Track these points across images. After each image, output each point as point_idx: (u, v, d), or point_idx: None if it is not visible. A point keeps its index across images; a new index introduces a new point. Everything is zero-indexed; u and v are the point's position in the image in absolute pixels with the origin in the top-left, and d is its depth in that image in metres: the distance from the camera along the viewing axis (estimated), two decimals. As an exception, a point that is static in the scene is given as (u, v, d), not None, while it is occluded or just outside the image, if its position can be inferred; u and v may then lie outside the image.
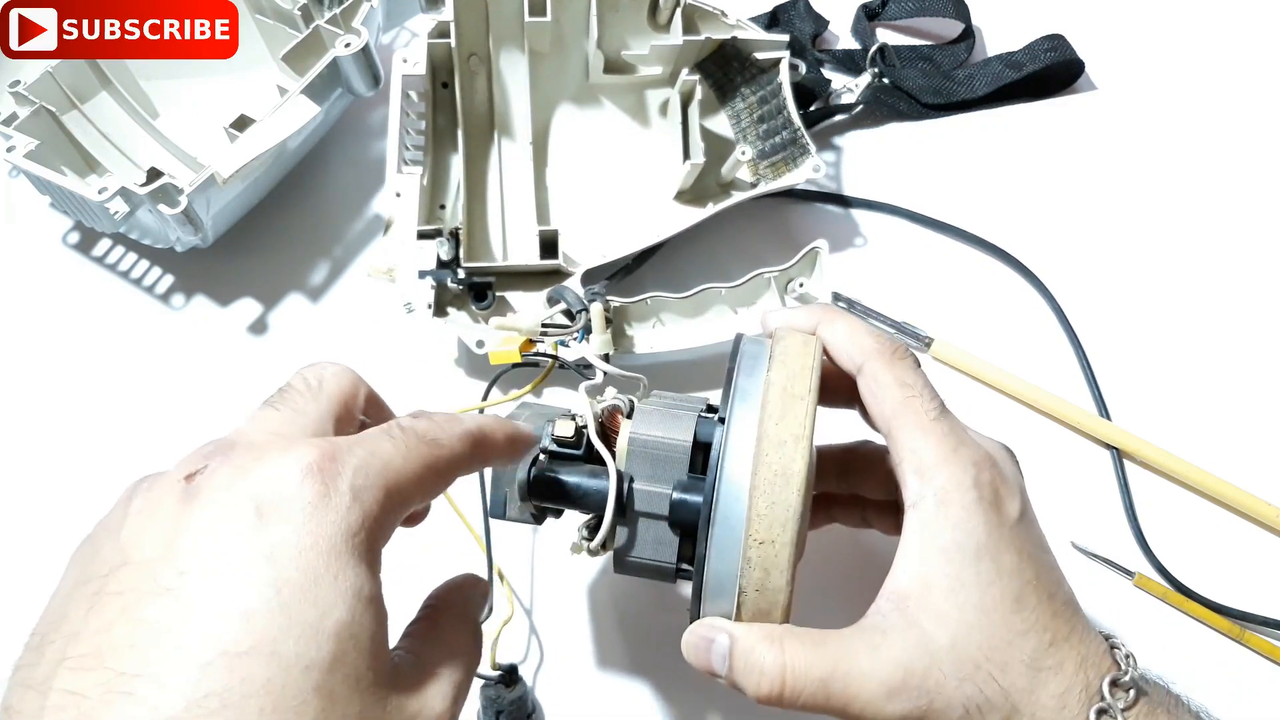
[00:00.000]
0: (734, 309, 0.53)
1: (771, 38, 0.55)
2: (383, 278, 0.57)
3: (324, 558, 0.23)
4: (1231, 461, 0.50)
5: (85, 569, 0.24)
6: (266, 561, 0.23)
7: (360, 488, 0.24)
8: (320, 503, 0.24)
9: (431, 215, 0.54)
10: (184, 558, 0.23)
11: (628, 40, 0.55)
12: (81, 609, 0.23)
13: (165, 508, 0.24)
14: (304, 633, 0.22)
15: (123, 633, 0.22)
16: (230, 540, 0.23)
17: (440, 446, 0.27)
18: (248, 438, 0.27)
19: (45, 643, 0.23)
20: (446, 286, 0.52)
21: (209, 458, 0.25)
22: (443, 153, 0.55)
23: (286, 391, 0.29)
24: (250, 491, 0.24)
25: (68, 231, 0.59)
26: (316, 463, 0.24)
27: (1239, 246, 0.57)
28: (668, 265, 0.56)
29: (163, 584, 0.22)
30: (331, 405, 0.28)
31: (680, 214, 0.55)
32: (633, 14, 0.55)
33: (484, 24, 0.54)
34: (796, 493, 0.31)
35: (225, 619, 0.22)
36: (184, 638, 0.22)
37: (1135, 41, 0.65)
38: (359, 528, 0.24)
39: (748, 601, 0.32)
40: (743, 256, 0.56)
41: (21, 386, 0.55)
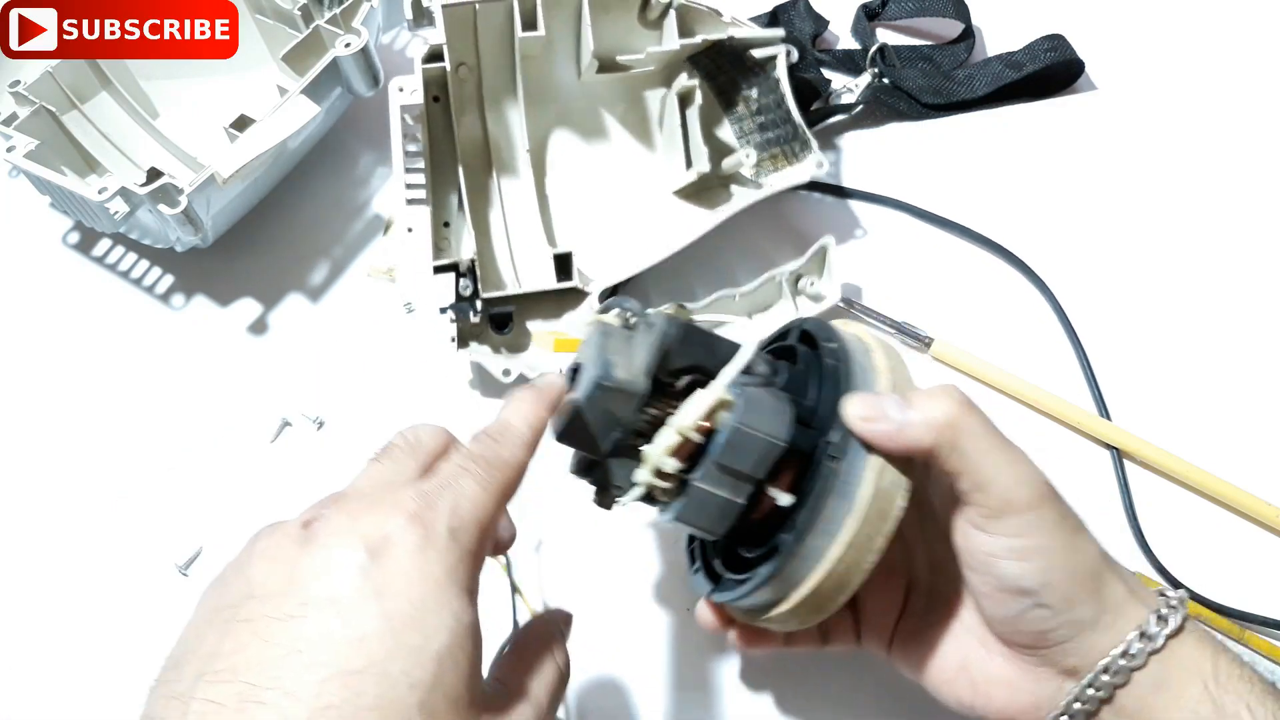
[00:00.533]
0: (749, 314, 0.53)
1: (767, 34, 0.54)
2: (383, 278, 0.57)
3: (429, 591, 0.26)
4: (1231, 461, 0.50)
5: (216, 601, 0.28)
6: (377, 595, 0.26)
7: (456, 529, 0.28)
8: (423, 545, 0.27)
9: (439, 238, 0.53)
10: (304, 592, 0.26)
11: (620, 42, 0.54)
12: (216, 634, 0.26)
13: (285, 550, 0.28)
14: (410, 656, 0.25)
15: (254, 653, 0.25)
16: (345, 577, 0.26)
17: (508, 467, 0.31)
18: (358, 490, 0.30)
19: (184, 662, 0.26)
20: (468, 319, 0.51)
21: (324, 507, 0.29)
22: (443, 177, 0.54)
23: (389, 449, 0.32)
24: (361, 535, 0.27)
25: (68, 231, 0.59)
26: (417, 511, 0.28)
27: (1239, 246, 0.57)
28: (672, 268, 0.55)
29: (287, 612, 0.26)
30: (429, 457, 0.32)
31: (685, 219, 0.55)
32: (623, 15, 0.54)
33: (473, 37, 0.53)
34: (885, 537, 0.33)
35: (342, 643, 0.25)
36: (306, 657, 0.25)
37: (1135, 41, 0.65)
38: (457, 564, 0.28)
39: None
40: (746, 252, 0.56)
41: (22, 386, 0.55)
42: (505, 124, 0.55)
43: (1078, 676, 0.33)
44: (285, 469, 0.52)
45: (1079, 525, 0.34)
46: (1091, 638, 0.33)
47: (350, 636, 0.25)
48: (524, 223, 0.55)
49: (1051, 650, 0.34)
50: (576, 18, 0.53)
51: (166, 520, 0.50)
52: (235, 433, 0.53)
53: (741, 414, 0.33)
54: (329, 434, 0.53)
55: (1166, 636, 0.33)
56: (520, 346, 0.53)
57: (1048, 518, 0.33)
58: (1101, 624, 0.33)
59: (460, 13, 0.52)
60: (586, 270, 0.54)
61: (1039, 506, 0.33)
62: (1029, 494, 0.33)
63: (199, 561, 0.49)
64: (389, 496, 0.29)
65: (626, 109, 0.57)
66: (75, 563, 0.50)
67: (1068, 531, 0.33)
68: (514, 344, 0.53)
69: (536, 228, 0.55)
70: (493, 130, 0.55)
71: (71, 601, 0.49)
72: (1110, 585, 0.34)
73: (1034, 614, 0.33)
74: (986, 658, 0.36)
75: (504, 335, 0.53)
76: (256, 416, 0.53)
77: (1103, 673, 0.33)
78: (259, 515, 0.50)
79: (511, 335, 0.53)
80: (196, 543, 0.50)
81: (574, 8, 0.53)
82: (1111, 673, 0.33)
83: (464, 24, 0.52)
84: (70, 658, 0.47)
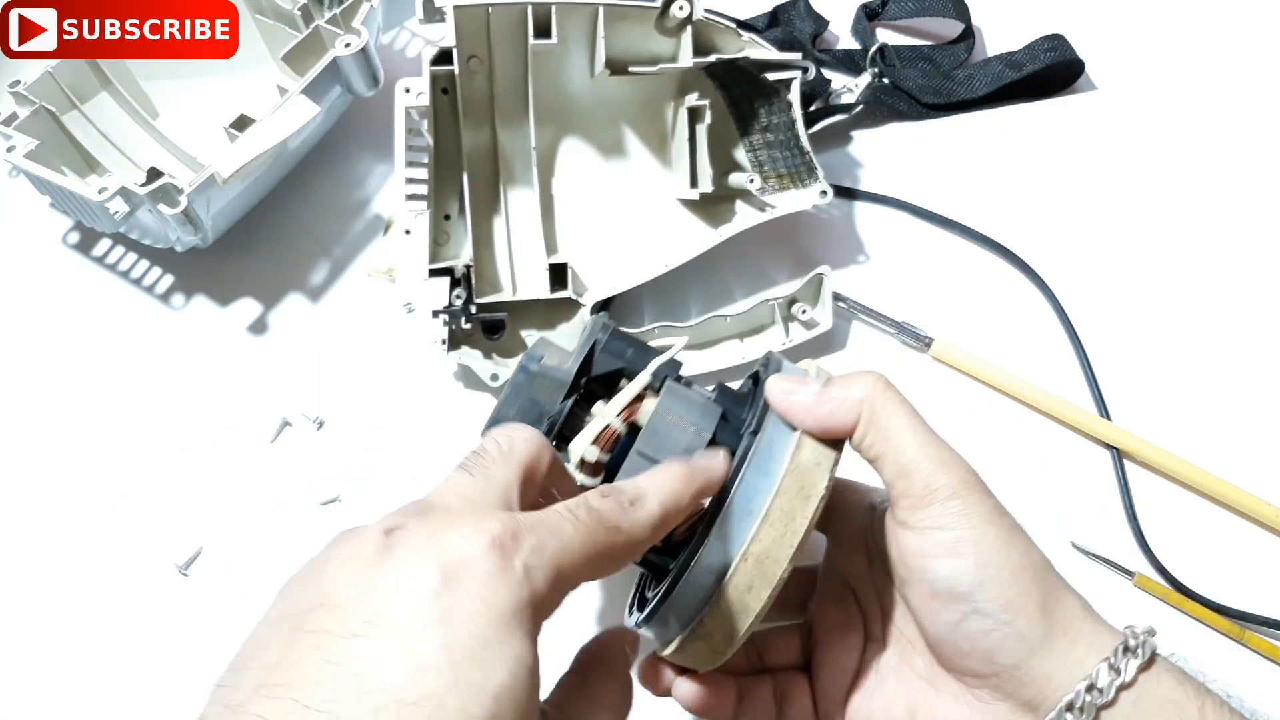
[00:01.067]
0: (740, 338, 0.53)
1: (784, 57, 0.53)
2: (383, 278, 0.57)
3: (493, 626, 0.25)
4: (1231, 461, 0.49)
5: (289, 604, 0.27)
6: (442, 623, 0.25)
7: (533, 567, 0.27)
8: (497, 575, 0.26)
9: (439, 231, 0.53)
10: (372, 608, 0.25)
11: (635, 48, 0.53)
12: (280, 642, 0.25)
13: (363, 557, 0.27)
14: (468, 690, 0.24)
15: (311, 669, 0.24)
16: (414, 598, 0.25)
17: (620, 534, 0.29)
18: (444, 501, 0.29)
19: (245, 668, 0.25)
20: (460, 324, 0.51)
21: (408, 517, 0.27)
22: (446, 175, 0.53)
23: (480, 455, 0.31)
24: (438, 555, 0.26)
25: (68, 231, 0.59)
26: (499, 537, 0.26)
27: (1239, 246, 0.57)
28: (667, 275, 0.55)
29: (351, 629, 0.25)
30: (520, 470, 0.30)
31: (687, 235, 0.55)
32: (640, 23, 0.53)
33: (485, 33, 0.52)
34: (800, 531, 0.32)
35: (400, 670, 0.24)
36: (363, 681, 0.24)
37: (1135, 41, 0.65)
38: (526, 603, 0.26)
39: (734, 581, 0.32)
40: (742, 261, 0.56)
41: (22, 386, 0.55)
42: (513, 128, 0.55)
43: (1038, 715, 0.31)
44: (285, 469, 0.52)
45: (1015, 526, 0.32)
46: (1046, 663, 0.31)
47: (409, 664, 0.24)
48: (526, 230, 0.55)
49: (1002, 677, 0.32)
50: (592, 23, 0.52)
51: (166, 520, 0.50)
52: (235, 433, 0.53)
53: (664, 403, 0.34)
54: (329, 434, 0.53)
55: (1137, 669, 0.30)
56: (511, 352, 0.53)
57: (977, 508, 0.32)
58: (1056, 648, 0.31)
59: (473, 14, 0.51)
60: (586, 279, 0.54)
61: (966, 494, 0.32)
62: (954, 479, 0.32)
63: (199, 561, 0.49)
64: (475, 516, 0.27)
65: (638, 116, 0.57)
66: (75, 562, 0.50)
67: (1002, 529, 0.32)
68: (505, 349, 0.53)
69: (537, 236, 0.54)
70: (500, 133, 0.55)
71: (72, 601, 0.49)
72: (1060, 601, 0.31)
73: (973, 624, 0.31)
74: (935, 699, 0.34)
75: (495, 340, 0.53)
76: (256, 416, 0.53)
77: (1066, 710, 0.30)
78: (259, 515, 0.50)
79: (503, 341, 0.53)
80: (196, 543, 0.50)
81: (589, 14, 0.52)
82: (1077, 710, 0.30)
83: (477, 25, 0.51)
84: (70, 657, 0.47)
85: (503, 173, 0.55)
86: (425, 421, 0.53)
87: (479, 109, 0.54)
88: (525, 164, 0.55)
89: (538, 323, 0.54)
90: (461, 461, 0.30)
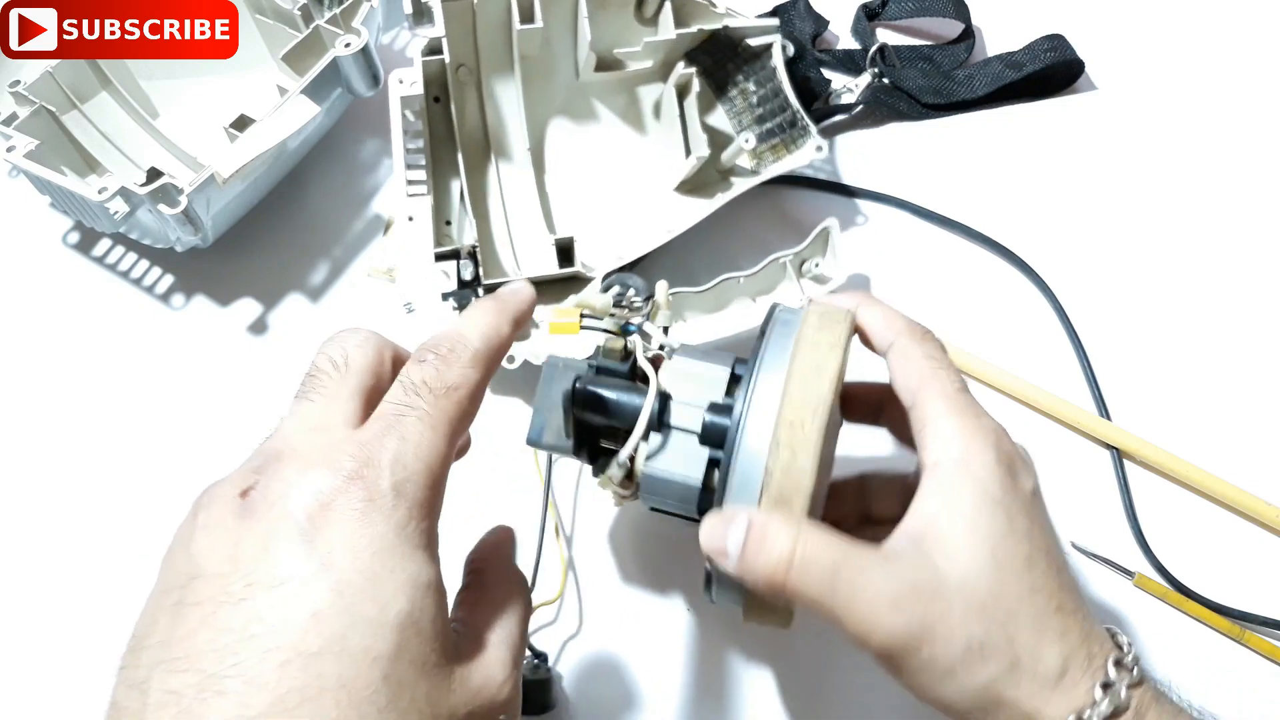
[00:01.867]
0: (753, 297, 0.53)
1: (762, 23, 0.55)
2: (383, 278, 0.57)
3: (379, 556, 0.25)
4: (1231, 461, 0.50)
5: (166, 579, 0.27)
6: (324, 568, 0.24)
7: (401, 481, 0.26)
8: (367, 507, 0.25)
9: (440, 234, 0.53)
10: (249, 572, 0.25)
11: (618, 37, 0.55)
12: (167, 618, 0.25)
13: (225, 523, 0.26)
14: (368, 628, 0.24)
15: (207, 638, 0.24)
16: (288, 552, 0.25)
17: (458, 392, 0.28)
18: (289, 442, 0.28)
19: (141, 646, 0.25)
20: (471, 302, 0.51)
21: (258, 472, 0.27)
22: (443, 169, 0.54)
23: (315, 377, 0.29)
24: (300, 504, 0.25)
25: (68, 231, 0.59)
26: (355, 470, 0.26)
27: (1239, 246, 0.57)
28: (674, 259, 0.55)
29: (235, 595, 0.25)
30: (361, 380, 0.29)
31: (686, 207, 0.55)
32: (620, 11, 0.55)
33: (472, 35, 0.53)
34: (829, 385, 0.32)
35: (295, 623, 0.24)
36: (262, 641, 0.24)
37: (1135, 41, 0.65)
38: (408, 519, 0.26)
39: (772, 484, 0.31)
40: (749, 244, 0.56)
41: (21, 386, 0.55)
42: (504, 115, 0.56)
43: None
44: (285, 469, 0.52)
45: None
46: None
47: (303, 616, 0.24)
48: (524, 210, 0.55)
49: None
50: (574, 14, 0.54)
51: (166, 520, 0.50)
52: (235, 433, 0.53)
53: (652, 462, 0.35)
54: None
55: None
56: (522, 334, 0.53)
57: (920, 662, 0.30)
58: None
59: (459, 8, 0.52)
60: (586, 260, 0.54)
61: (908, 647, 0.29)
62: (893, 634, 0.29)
63: (199, 561, 0.49)
64: (326, 453, 0.26)
65: (625, 104, 0.58)
66: (75, 562, 0.50)
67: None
68: (570, 296, 0.53)
69: (536, 215, 0.55)
70: (492, 120, 0.56)
71: (71, 601, 0.49)
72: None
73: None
74: None
75: None
76: (256, 416, 0.53)
77: None
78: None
79: None
80: (196, 543, 0.50)
81: (571, 4, 0.53)
82: None
83: (463, 18, 0.53)
84: (70, 658, 0.47)
85: (497, 155, 0.56)
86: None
87: (470, 110, 0.55)
88: (518, 155, 0.56)
89: (545, 301, 0.54)
90: (300, 388, 0.29)
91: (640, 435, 0.35)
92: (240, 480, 0.27)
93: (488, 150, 0.56)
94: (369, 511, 0.25)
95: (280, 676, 0.23)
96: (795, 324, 0.35)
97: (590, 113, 0.58)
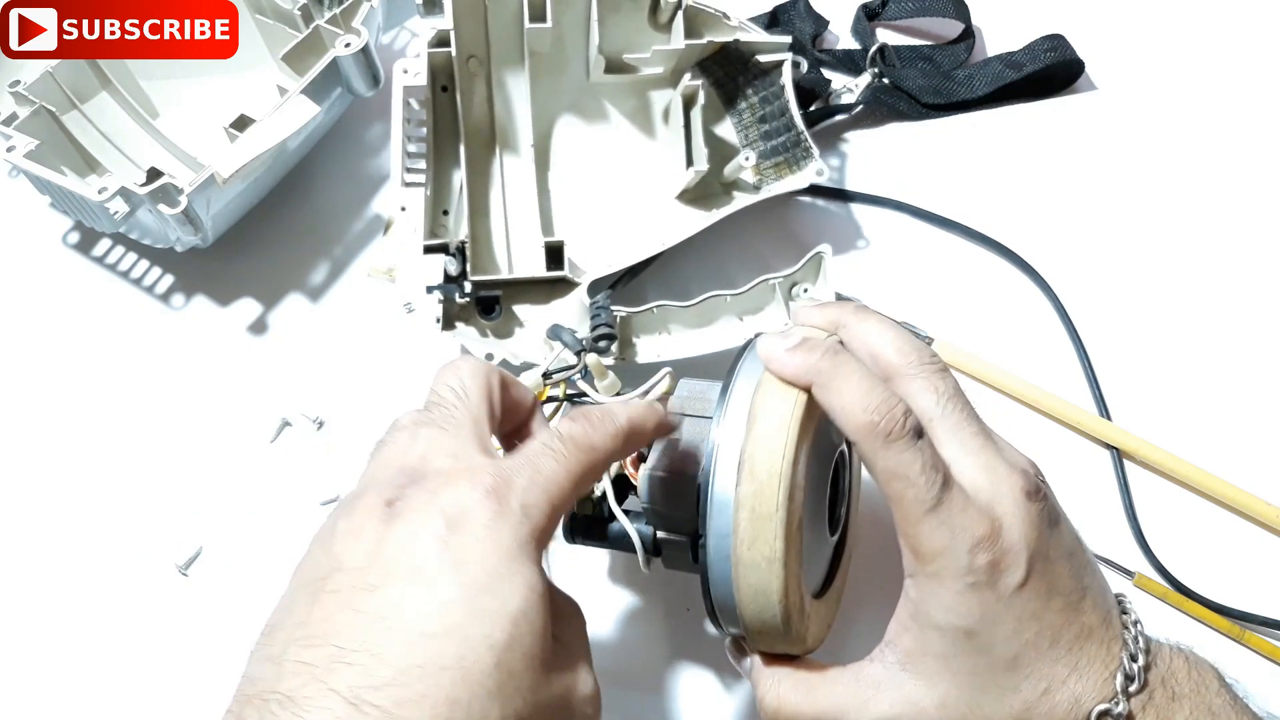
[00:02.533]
0: (740, 317, 0.53)
1: (774, 39, 0.54)
2: (383, 278, 0.57)
3: (503, 561, 0.28)
4: (1231, 461, 0.49)
5: (304, 576, 0.29)
6: (455, 565, 0.28)
7: (528, 505, 0.29)
8: (497, 519, 0.29)
9: (436, 224, 0.53)
10: (387, 563, 0.28)
11: (629, 42, 0.55)
12: (305, 604, 0.28)
13: (369, 528, 0.29)
14: (487, 619, 0.27)
15: (342, 619, 0.27)
16: (425, 549, 0.28)
17: (595, 451, 0.32)
18: (432, 465, 0.31)
19: (276, 629, 0.28)
20: (454, 300, 0.51)
21: (403, 487, 0.30)
22: (444, 161, 0.54)
23: (441, 406, 0.33)
24: (441, 510, 0.29)
25: (68, 231, 0.59)
26: (492, 486, 0.29)
27: (1240, 246, 0.57)
28: (669, 267, 0.55)
29: (371, 583, 0.28)
30: (482, 408, 0.33)
31: (684, 219, 0.55)
32: (633, 15, 0.55)
33: (483, 28, 0.53)
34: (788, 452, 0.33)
35: (423, 609, 0.27)
36: (392, 623, 0.27)
37: (1135, 41, 0.65)
38: (529, 538, 0.29)
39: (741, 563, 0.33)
40: (743, 255, 0.56)
41: (21, 386, 0.55)
42: (511, 108, 0.56)
43: None
44: (285, 469, 0.52)
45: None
46: None
47: (432, 603, 0.27)
48: (522, 208, 0.55)
49: None
50: (586, 16, 0.53)
51: (166, 520, 0.50)
52: (235, 433, 0.53)
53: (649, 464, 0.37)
54: (329, 434, 0.53)
55: None
56: (506, 332, 0.53)
57: None
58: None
59: (470, 3, 0.52)
60: (580, 261, 0.54)
61: None
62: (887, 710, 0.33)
63: (199, 561, 0.49)
64: (466, 471, 0.30)
65: (634, 107, 0.57)
66: (75, 562, 0.50)
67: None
68: (500, 329, 0.53)
69: (534, 214, 0.55)
70: (499, 112, 0.56)
71: (71, 601, 0.49)
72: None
73: None
74: None
75: (491, 319, 0.53)
76: (256, 416, 0.53)
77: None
78: (259, 515, 0.50)
79: (498, 320, 0.53)
80: (196, 543, 0.50)
81: (584, 6, 0.53)
82: None
83: (474, 13, 0.53)
84: (70, 658, 0.47)
85: (501, 148, 0.56)
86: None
87: (477, 104, 0.55)
88: (523, 144, 0.56)
89: (533, 301, 0.54)
90: (425, 416, 0.33)
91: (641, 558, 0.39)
92: (384, 493, 0.30)
93: (492, 143, 0.56)
94: (498, 522, 0.28)
95: (404, 653, 0.26)
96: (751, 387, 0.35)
97: (599, 113, 0.57)
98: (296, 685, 0.26)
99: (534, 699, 0.28)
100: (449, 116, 0.54)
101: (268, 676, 0.27)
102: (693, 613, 0.47)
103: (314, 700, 0.25)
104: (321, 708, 0.25)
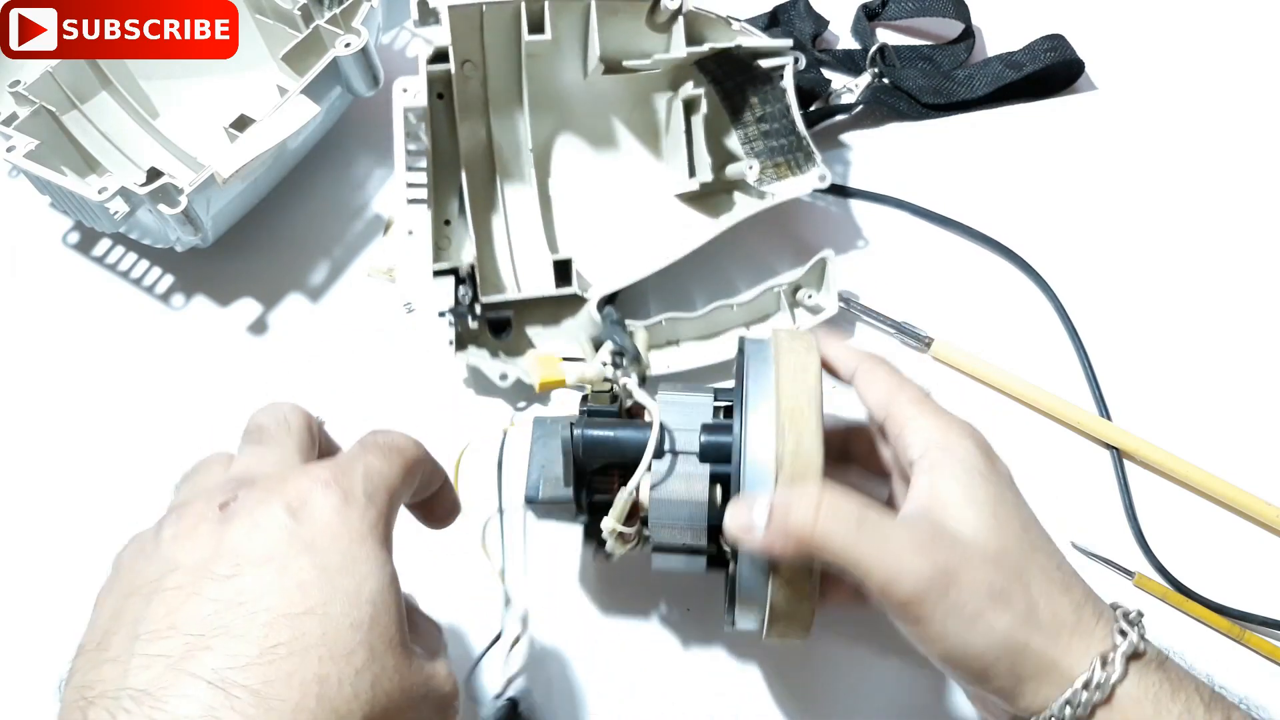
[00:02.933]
0: (746, 325, 0.53)
1: (776, 44, 0.53)
2: (383, 278, 0.57)
3: (355, 544, 0.28)
4: (1231, 461, 0.49)
5: (129, 584, 0.28)
6: (308, 549, 0.27)
7: (370, 492, 0.30)
8: (344, 504, 0.29)
9: (439, 236, 0.53)
10: (236, 553, 0.27)
11: (628, 42, 0.54)
12: (138, 607, 0.27)
13: (204, 529, 0.28)
14: (347, 598, 0.27)
15: (192, 609, 0.26)
16: (273, 537, 0.28)
17: (405, 453, 0.32)
18: (259, 471, 0.31)
19: (107, 637, 0.27)
20: (466, 324, 0.51)
21: (236, 490, 0.30)
22: (445, 174, 0.53)
23: (264, 430, 0.33)
24: (284, 503, 0.28)
25: (68, 231, 0.59)
26: (332, 477, 0.29)
27: (1240, 246, 0.57)
28: (669, 270, 0.55)
29: (221, 573, 0.27)
30: (304, 435, 0.34)
31: (689, 228, 0.55)
32: (632, 18, 0.53)
33: (478, 34, 0.52)
34: (815, 378, 0.36)
35: (282, 590, 0.26)
36: (250, 606, 0.26)
37: (1135, 41, 0.65)
38: (376, 521, 0.29)
39: (785, 467, 0.34)
40: (743, 256, 0.56)
41: (21, 386, 0.55)
42: (509, 127, 0.55)
43: None
44: (285, 469, 0.52)
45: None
46: None
47: (289, 584, 0.27)
48: (526, 227, 0.55)
49: None
50: (584, 20, 0.52)
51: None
52: (235, 433, 0.53)
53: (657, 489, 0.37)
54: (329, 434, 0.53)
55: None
56: (518, 351, 0.53)
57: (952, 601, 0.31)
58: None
59: (467, 13, 0.51)
60: (587, 275, 0.54)
61: (933, 591, 0.31)
62: (918, 577, 0.31)
63: (199, 561, 0.49)
64: (299, 471, 0.30)
65: (632, 111, 0.57)
66: (75, 562, 0.50)
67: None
68: (512, 349, 0.53)
69: (538, 232, 0.54)
70: (496, 133, 0.55)
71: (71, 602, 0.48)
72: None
73: None
74: None
75: (502, 340, 0.53)
76: (256, 416, 0.53)
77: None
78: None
79: (510, 340, 0.53)
80: (196, 543, 0.50)
81: (582, 10, 0.52)
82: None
83: (470, 25, 0.52)
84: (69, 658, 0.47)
85: (500, 172, 0.55)
86: (425, 421, 0.53)
87: (474, 112, 0.54)
88: (522, 163, 0.55)
89: (543, 319, 0.54)
90: (248, 439, 0.34)
91: (649, 462, 0.37)
92: (215, 498, 0.30)
93: (491, 162, 0.55)
94: (345, 508, 0.29)
95: (267, 633, 0.26)
96: (768, 344, 0.38)
97: (597, 122, 0.57)
98: (150, 678, 0.25)
99: (400, 681, 0.27)
100: (447, 128, 0.53)
101: (111, 677, 0.25)
102: (693, 613, 0.47)
103: (172, 689, 0.24)
104: (182, 695, 0.24)
